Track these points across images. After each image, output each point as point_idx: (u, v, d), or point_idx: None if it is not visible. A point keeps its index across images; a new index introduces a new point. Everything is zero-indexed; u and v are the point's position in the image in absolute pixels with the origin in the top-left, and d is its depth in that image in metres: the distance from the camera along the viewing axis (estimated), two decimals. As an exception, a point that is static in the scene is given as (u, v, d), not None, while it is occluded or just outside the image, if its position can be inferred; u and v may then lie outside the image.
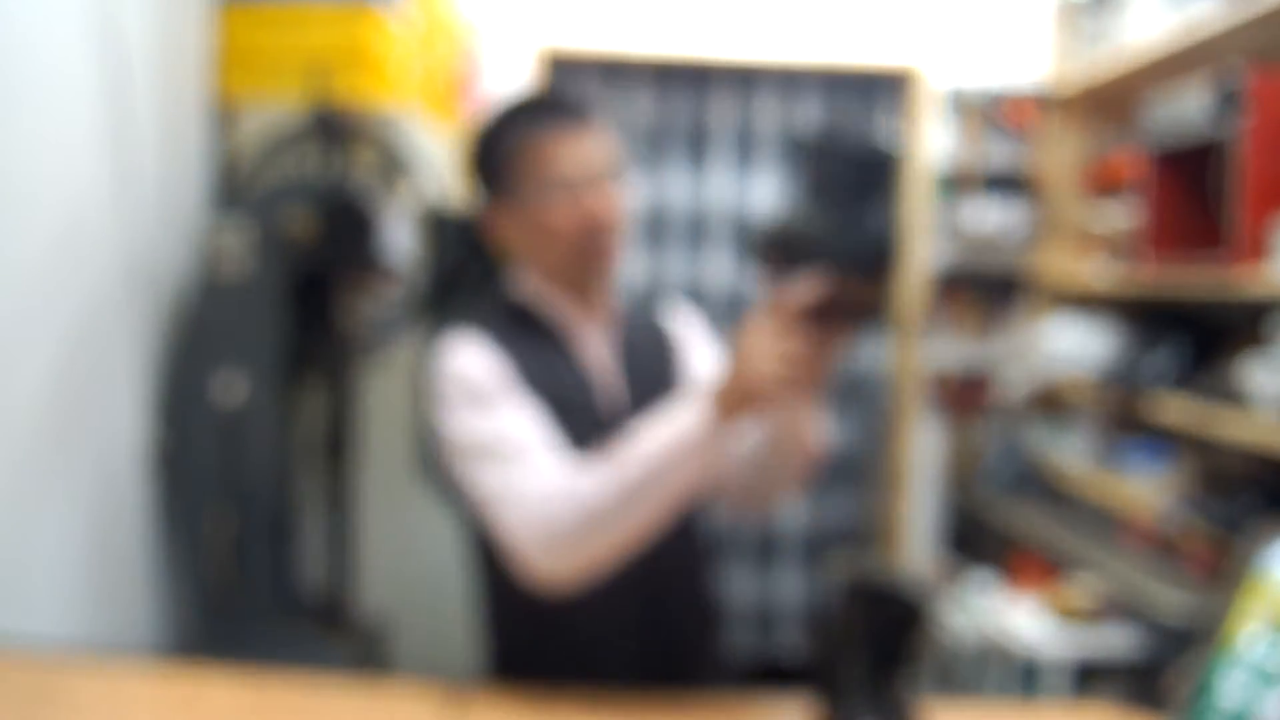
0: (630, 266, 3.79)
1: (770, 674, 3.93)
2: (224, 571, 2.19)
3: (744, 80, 3.78)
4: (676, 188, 3.80)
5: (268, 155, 2.39)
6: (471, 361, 1.37)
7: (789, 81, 3.79)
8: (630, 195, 1.45)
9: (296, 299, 2.31)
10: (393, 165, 2.40)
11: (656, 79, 3.77)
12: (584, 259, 1.41)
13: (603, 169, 1.40)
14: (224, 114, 2.52)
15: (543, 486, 1.26)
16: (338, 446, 2.31)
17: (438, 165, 2.52)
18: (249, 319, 2.21)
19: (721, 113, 3.74)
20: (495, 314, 1.49)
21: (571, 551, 1.24)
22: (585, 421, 1.35)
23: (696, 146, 3.79)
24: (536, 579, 1.27)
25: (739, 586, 3.84)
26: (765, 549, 3.87)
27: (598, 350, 1.47)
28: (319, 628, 2.26)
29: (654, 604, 1.45)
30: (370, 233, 2.18)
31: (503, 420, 1.33)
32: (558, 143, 1.38)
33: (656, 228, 3.80)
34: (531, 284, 1.48)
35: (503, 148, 1.42)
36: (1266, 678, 1.11)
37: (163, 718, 1.27)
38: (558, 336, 1.46)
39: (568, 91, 1.46)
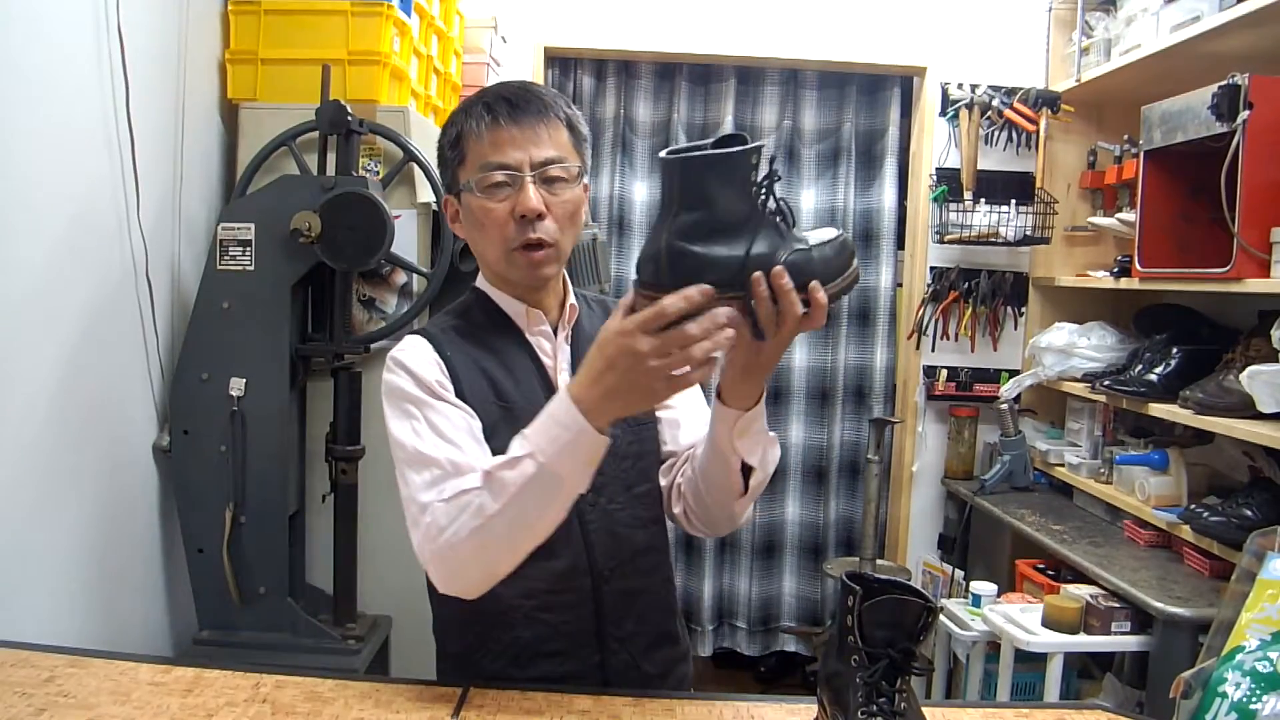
0: (629, 265, 3.79)
1: (770, 674, 3.94)
2: (228, 569, 2.20)
3: (746, 77, 3.78)
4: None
5: (273, 152, 2.40)
6: (407, 362, 1.38)
7: (791, 79, 3.79)
8: (573, 197, 1.42)
9: (301, 296, 2.32)
10: (396, 163, 2.41)
11: (658, 75, 3.77)
12: (511, 258, 1.40)
13: (536, 167, 1.37)
14: (230, 111, 2.53)
15: (436, 504, 1.28)
16: (342, 445, 2.30)
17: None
18: (256, 317, 2.21)
19: (722, 110, 3.74)
20: (458, 308, 1.51)
21: (462, 569, 1.28)
22: (527, 419, 1.28)
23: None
24: (438, 587, 1.32)
25: (740, 587, 3.85)
26: (766, 550, 3.87)
27: (550, 347, 1.47)
28: (321, 627, 2.26)
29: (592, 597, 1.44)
30: (374, 230, 2.18)
31: (419, 428, 1.34)
32: (491, 137, 1.38)
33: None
34: (487, 278, 1.50)
35: (448, 138, 1.43)
36: (1267, 679, 1.12)
37: (165, 716, 1.27)
38: (510, 333, 1.46)
39: (527, 87, 1.39)
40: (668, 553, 1.56)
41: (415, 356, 1.39)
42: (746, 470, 1.38)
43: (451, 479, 1.28)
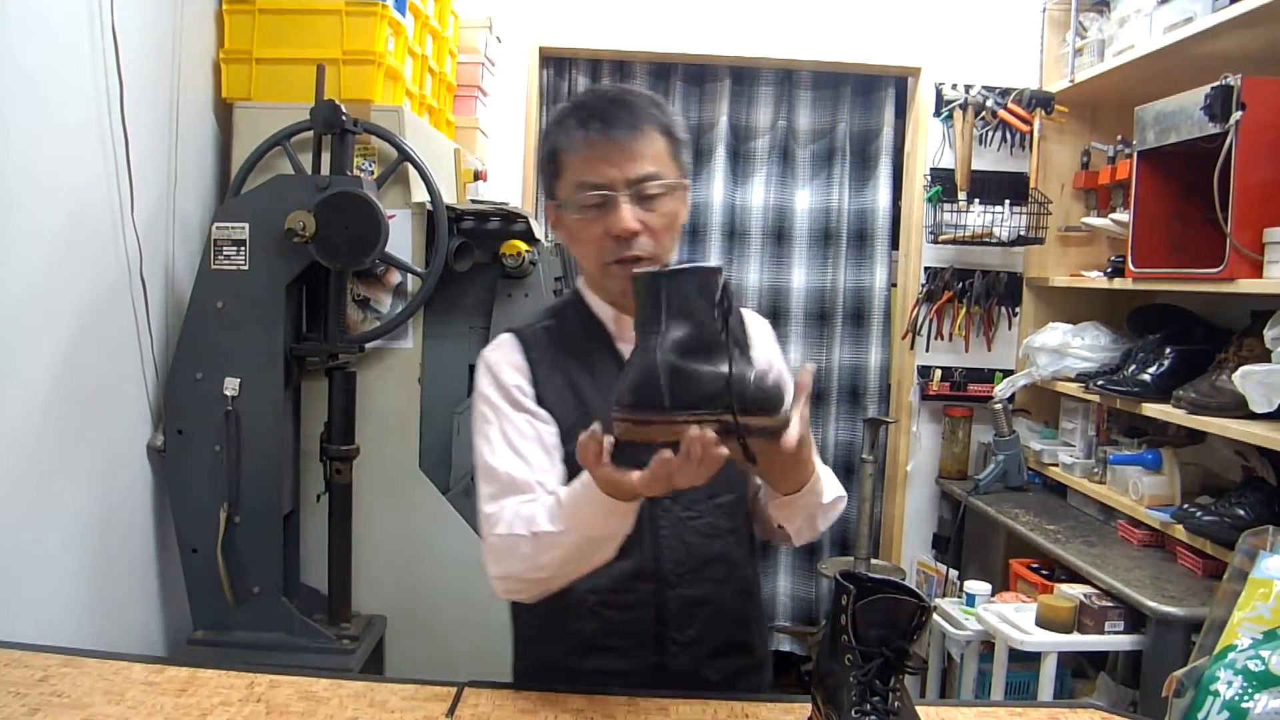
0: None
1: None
2: (222, 569, 2.19)
3: (741, 77, 3.79)
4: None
5: (267, 152, 2.40)
6: (493, 365, 1.43)
7: (786, 79, 3.80)
8: (670, 210, 1.40)
9: (296, 296, 2.32)
10: (391, 163, 2.41)
11: (653, 76, 3.77)
12: (607, 271, 1.41)
13: (631, 184, 1.36)
14: (224, 110, 2.53)
15: (493, 534, 1.33)
16: (337, 444, 2.30)
17: (436, 162, 2.52)
18: (250, 316, 2.21)
19: (717, 110, 3.74)
20: (555, 308, 1.55)
21: (516, 592, 1.37)
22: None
23: (693, 144, 3.79)
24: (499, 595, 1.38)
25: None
26: (761, 550, 3.87)
27: None
28: (316, 626, 2.26)
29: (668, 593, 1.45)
30: (368, 230, 2.18)
31: (492, 437, 1.39)
32: (585, 154, 1.37)
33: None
34: (585, 281, 1.52)
35: (544, 152, 1.45)
36: (1259, 677, 1.12)
37: (159, 716, 1.27)
38: (599, 338, 1.48)
39: (620, 97, 1.41)
40: (747, 564, 1.52)
41: (501, 358, 1.44)
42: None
43: (510, 495, 1.34)
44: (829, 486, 1.41)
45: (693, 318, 1.12)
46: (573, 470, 1.36)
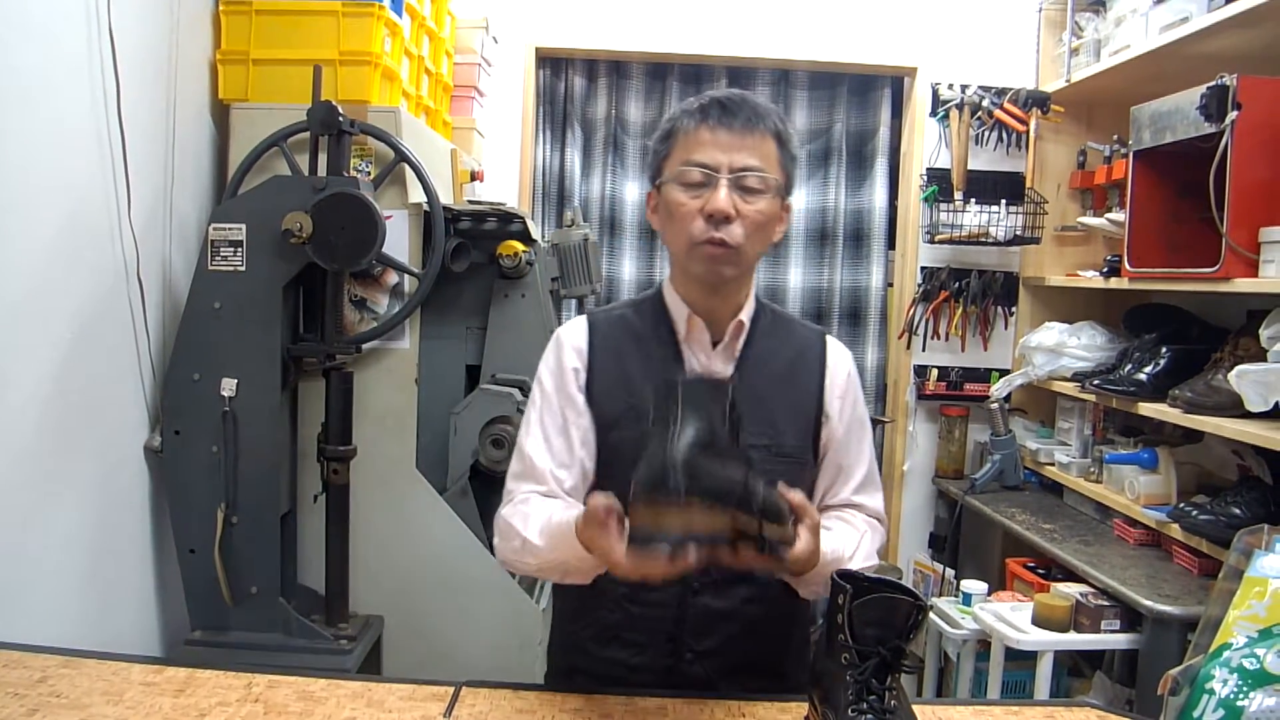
0: (620, 266, 3.79)
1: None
2: (219, 570, 2.19)
3: (737, 77, 3.79)
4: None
5: (264, 153, 2.40)
6: (558, 342, 1.53)
7: (782, 79, 3.80)
8: (766, 208, 1.43)
9: (293, 297, 2.32)
10: (388, 163, 2.41)
11: (649, 75, 3.77)
12: (693, 251, 1.43)
13: (734, 171, 1.41)
14: (221, 111, 2.53)
15: (505, 508, 1.46)
16: (334, 445, 2.30)
17: (433, 163, 2.52)
18: (247, 317, 2.21)
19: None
20: (637, 298, 1.60)
21: (509, 566, 1.48)
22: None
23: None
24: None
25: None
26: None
27: (707, 355, 1.50)
28: (313, 626, 2.26)
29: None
30: (365, 231, 2.18)
31: (532, 418, 1.50)
32: (698, 136, 1.43)
33: (647, 226, 3.80)
34: (672, 276, 1.55)
35: (660, 133, 1.50)
36: (1254, 676, 1.12)
37: (157, 716, 1.27)
38: (666, 336, 1.51)
39: (745, 96, 1.47)
40: (785, 585, 1.47)
41: (567, 339, 1.53)
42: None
43: (528, 479, 1.47)
44: (849, 554, 1.45)
45: (706, 421, 1.17)
46: (609, 458, 1.45)
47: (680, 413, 1.17)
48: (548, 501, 1.43)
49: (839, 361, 1.58)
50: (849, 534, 1.51)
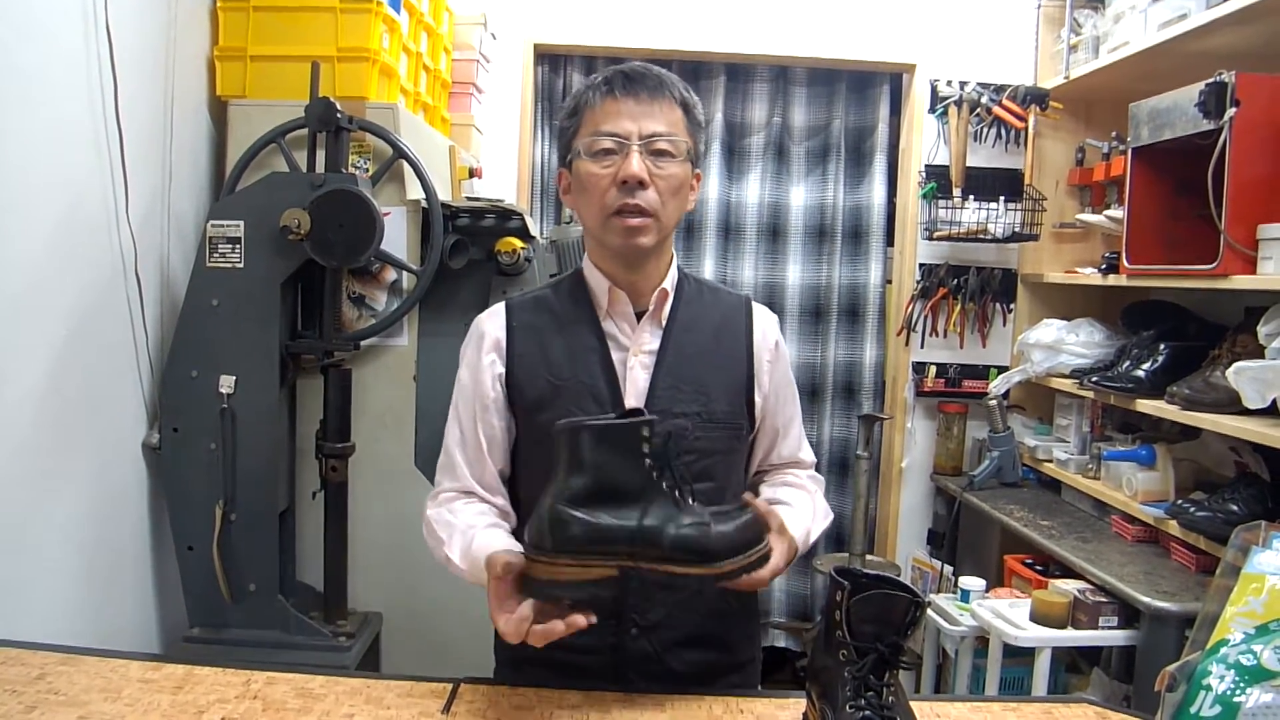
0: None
1: (761, 669, 3.94)
2: (218, 567, 2.19)
3: (736, 74, 3.79)
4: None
5: (262, 149, 2.39)
6: (476, 332, 1.55)
7: (781, 76, 3.80)
8: (678, 172, 1.46)
9: (291, 294, 2.32)
10: (386, 160, 2.41)
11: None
12: (609, 223, 1.44)
13: (644, 138, 1.42)
14: (219, 108, 2.52)
15: (431, 508, 1.51)
16: (332, 442, 2.30)
17: (431, 159, 2.52)
18: (245, 314, 2.21)
19: (711, 107, 3.74)
20: (556, 279, 1.61)
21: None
22: (577, 399, 1.45)
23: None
24: None
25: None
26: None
27: (632, 326, 1.51)
28: (312, 624, 2.26)
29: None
30: (364, 228, 2.18)
31: (457, 413, 1.54)
32: (605, 108, 1.44)
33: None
34: (589, 253, 1.55)
35: (567, 109, 1.52)
36: (1251, 672, 1.13)
37: (156, 713, 1.27)
38: (586, 311, 1.51)
39: (648, 67, 1.50)
40: None
41: (487, 328, 1.53)
42: None
43: (447, 476, 1.52)
44: (816, 526, 1.51)
45: (600, 470, 1.18)
46: (539, 438, 1.45)
47: (563, 463, 1.19)
48: (467, 511, 1.47)
49: (765, 325, 1.60)
50: (803, 501, 1.55)
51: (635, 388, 1.48)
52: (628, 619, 1.47)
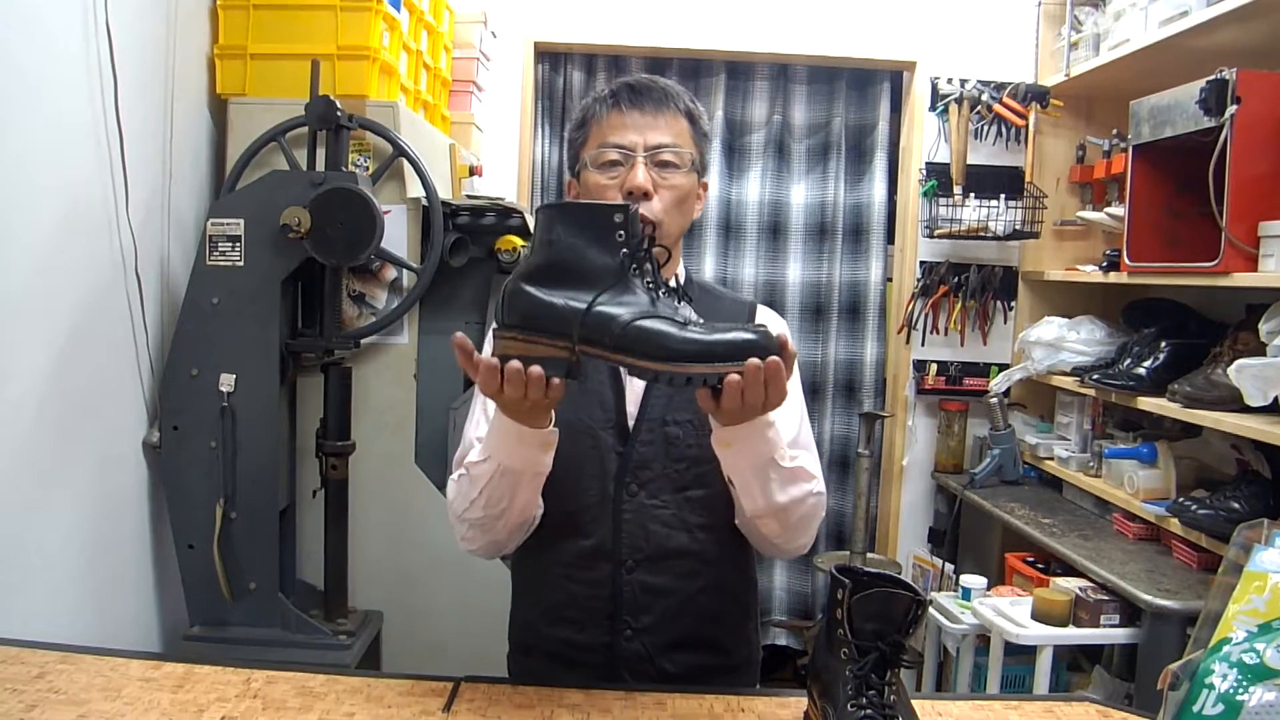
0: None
1: (761, 668, 3.94)
2: (218, 565, 2.19)
3: (736, 72, 3.78)
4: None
5: (262, 148, 2.39)
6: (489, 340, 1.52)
7: (781, 74, 3.79)
8: (683, 183, 1.47)
9: (291, 292, 2.31)
10: (386, 158, 2.40)
11: (648, 70, 3.74)
12: None
13: (649, 150, 1.45)
14: (219, 106, 2.52)
15: (452, 480, 1.49)
16: (333, 440, 2.30)
17: (431, 158, 2.52)
18: (245, 312, 2.21)
19: (712, 105, 3.74)
20: None
21: (465, 538, 1.48)
22: (593, 402, 1.47)
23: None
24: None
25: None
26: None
27: None
28: (312, 622, 2.26)
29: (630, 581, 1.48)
30: (364, 226, 2.18)
31: (474, 406, 1.54)
32: (611, 120, 1.47)
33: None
34: None
35: (575, 122, 1.55)
36: (1254, 670, 1.12)
37: (155, 712, 1.27)
38: None
39: (655, 79, 1.53)
40: (725, 563, 1.52)
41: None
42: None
43: (468, 455, 1.47)
44: (803, 463, 1.41)
45: (566, 249, 1.18)
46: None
47: (534, 243, 1.21)
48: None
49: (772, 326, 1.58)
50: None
51: (634, 392, 1.49)
52: (622, 620, 1.47)
